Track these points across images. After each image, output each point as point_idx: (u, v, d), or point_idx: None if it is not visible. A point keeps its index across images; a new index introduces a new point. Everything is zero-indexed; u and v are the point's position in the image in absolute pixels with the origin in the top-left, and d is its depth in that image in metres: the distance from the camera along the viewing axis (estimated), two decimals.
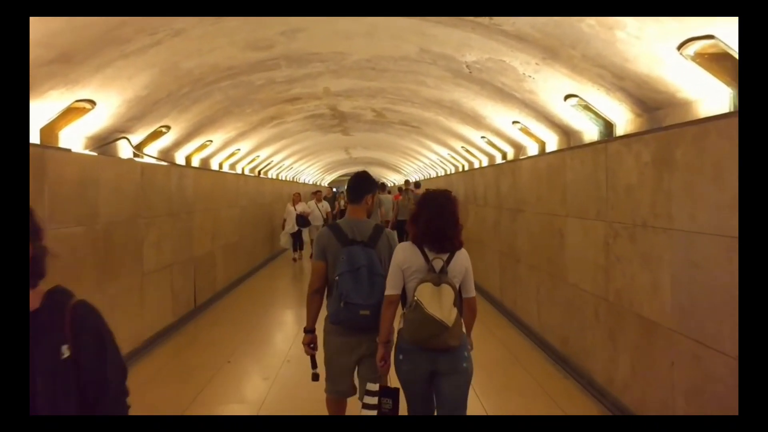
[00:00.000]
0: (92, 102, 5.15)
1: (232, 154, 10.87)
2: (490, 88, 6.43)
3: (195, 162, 9.20)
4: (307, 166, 21.73)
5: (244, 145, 10.94)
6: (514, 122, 7.26)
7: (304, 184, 24.02)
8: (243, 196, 11.90)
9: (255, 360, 6.29)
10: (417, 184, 16.38)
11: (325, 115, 10.78)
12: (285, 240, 13.67)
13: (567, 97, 5.35)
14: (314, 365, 3.38)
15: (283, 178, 18.85)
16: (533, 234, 6.85)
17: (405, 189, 15.18)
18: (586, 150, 5.23)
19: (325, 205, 13.95)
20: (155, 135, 7.00)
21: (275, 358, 6.23)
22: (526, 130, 7.24)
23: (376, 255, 3.17)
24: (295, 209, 13.42)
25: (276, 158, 14.90)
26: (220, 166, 10.73)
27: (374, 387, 2.99)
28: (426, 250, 2.92)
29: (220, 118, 8.11)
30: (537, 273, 6.68)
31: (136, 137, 6.63)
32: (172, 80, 5.76)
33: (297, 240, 13.78)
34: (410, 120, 10.81)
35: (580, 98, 5.18)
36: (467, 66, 5.92)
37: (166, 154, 7.97)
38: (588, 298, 5.17)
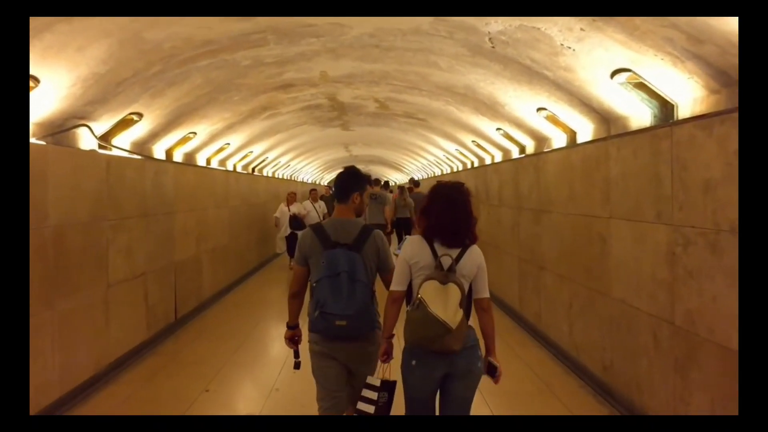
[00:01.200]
0: (34, 78, 4.20)
1: (221, 149, 9.91)
2: (515, 68, 5.47)
3: (177, 157, 8.25)
4: (305, 164, 20.78)
5: (235, 139, 9.99)
6: (539, 109, 6.30)
7: (303, 183, 23.06)
8: (234, 195, 10.95)
9: (238, 387, 5.33)
10: (416, 183, 15.65)
11: (323, 106, 9.82)
12: (282, 244, 12.33)
13: (615, 72, 4.40)
14: (297, 355, 3.27)
15: (280, 177, 17.89)
16: (563, 238, 5.90)
17: (401, 187, 14.59)
18: (640, 137, 4.27)
19: (321, 206, 12.55)
20: (125, 124, 6.04)
21: (262, 385, 5.28)
22: (553, 119, 6.29)
23: (361, 259, 2.92)
24: (289, 210, 12.06)
25: (271, 155, 13.95)
26: (208, 161, 9.78)
27: (375, 381, 2.81)
28: (436, 246, 2.76)
29: (204, 106, 7.16)
30: (569, 284, 5.72)
31: (101, 125, 5.68)
32: (137, 55, 4.80)
33: (291, 244, 11.93)
34: (416, 111, 9.86)
35: (634, 73, 4.23)
36: (490, 39, 4.96)
37: (142, 147, 7.02)
38: (642, 318, 4.21)
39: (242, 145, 10.77)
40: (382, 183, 14.09)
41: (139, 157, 6.52)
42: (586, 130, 5.93)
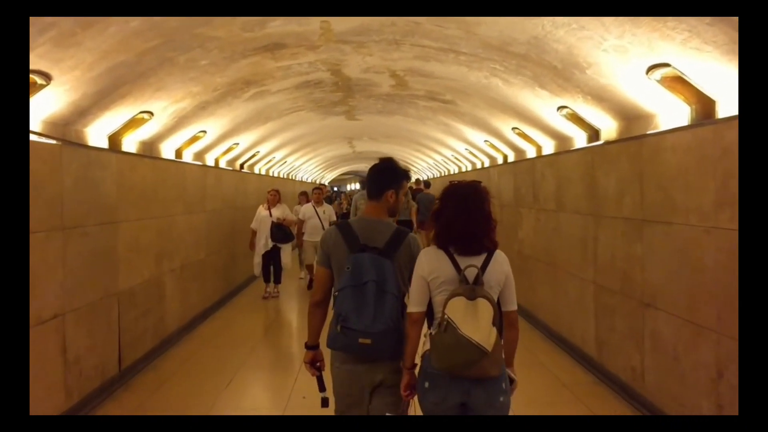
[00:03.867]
0: None
1: (195, 138, 7.79)
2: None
3: (129, 146, 6.13)
4: (304, 161, 18.65)
5: (212, 126, 7.87)
6: (652, 68, 4.16)
7: (302, 182, 20.93)
8: (214, 197, 8.83)
9: None
10: (427, 184, 14.76)
11: (324, 84, 7.70)
12: (257, 264, 9.14)
13: None
14: (322, 387, 2.76)
15: (275, 175, 15.76)
16: (697, 265, 3.78)
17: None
18: None
19: (328, 211, 9.37)
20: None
21: None
22: (674, 79, 4.14)
23: (392, 268, 2.52)
24: (271, 215, 9.00)
25: (263, 148, 11.83)
26: (178, 154, 7.66)
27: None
28: (454, 255, 2.43)
29: (155, 71, 5.04)
30: (712, 337, 3.60)
31: None
32: None
33: (269, 264, 9.11)
34: (443, 90, 7.73)
35: None
36: None
37: (64, 130, 4.90)
38: None
39: (224, 134, 8.64)
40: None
41: (52, 141, 4.38)
42: (726, 101, 3.80)
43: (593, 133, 6.09)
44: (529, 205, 7.78)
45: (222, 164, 9.98)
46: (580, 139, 6.49)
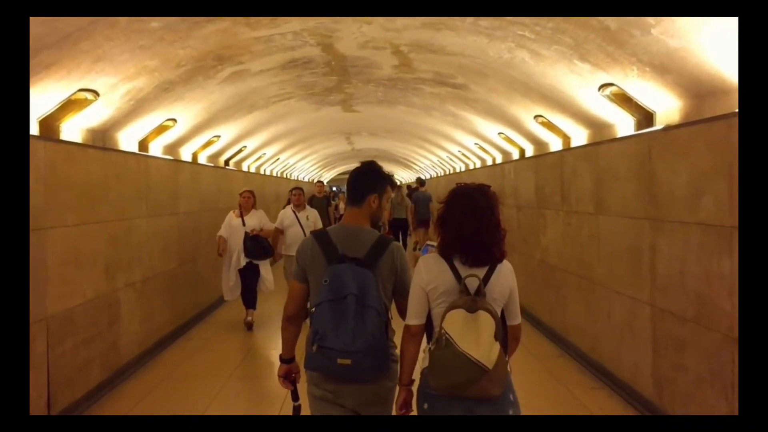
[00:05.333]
0: None
1: (163, 128, 6.63)
2: None
3: (71, 134, 4.97)
4: (299, 159, 17.48)
5: (183, 114, 6.71)
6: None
7: (297, 181, 19.79)
8: (189, 197, 7.68)
9: None
10: (422, 182, 14.27)
11: (314, 63, 6.55)
12: (233, 285, 7.10)
13: None
14: (295, 397, 2.63)
15: (266, 173, 14.61)
16: None
17: (399, 186, 13.74)
18: None
19: (313, 216, 7.19)
20: None
21: None
22: None
23: (374, 279, 2.33)
24: (244, 223, 7.08)
25: (251, 142, 10.68)
26: (143, 146, 6.50)
27: None
28: (456, 264, 2.27)
29: (86, 32, 3.86)
30: None
31: None
32: None
33: (248, 285, 7.09)
34: (455, 70, 6.58)
35: None
36: None
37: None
38: None
39: (200, 124, 7.48)
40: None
41: None
42: None
43: (644, 118, 4.93)
44: (555, 207, 6.61)
45: (202, 160, 8.82)
46: (624, 126, 5.33)
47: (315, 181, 12.68)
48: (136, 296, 5.80)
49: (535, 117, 6.95)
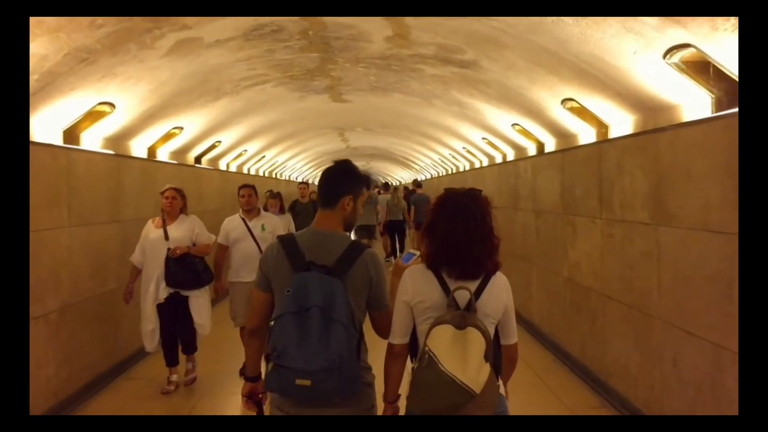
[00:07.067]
0: None
1: (97, 115, 5.27)
2: None
3: None
4: (289, 157, 16.12)
5: (122, 97, 5.34)
6: None
7: (288, 181, 18.43)
8: (137, 201, 6.32)
9: None
10: (419, 184, 14.22)
11: (287, 32, 5.21)
12: (150, 333, 4.94)
13: None
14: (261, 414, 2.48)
15: (250, 172, 13.26)
16: None
17: (395, 187, 13.73)
18: None
19: (270, 224, 5.28)
20: None
21: None
22: None
23: (343, 290, 2.09)
24: (166, 236, 4.88)
25: (225, 137, 9.33)
26: (71, 136, 5.14)
27: None
28: (445, 277, 2.09)
29: None
30: None
31: None
32: None
33: (168, 327, 4.98)
34: (463, 43, 5.23)
35: None
36: None
37: None
38: None
39: (149, 110, 6.10)
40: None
41: None
42: None
43: (725, 93, 3.57)
44: (591, 213, 5.26)
45: (162, 156, 7.47)
46: (694, 108, 3.97)
47: (298, 182, 11.15)
48: (48, 331, 4.45)
49: (563, 101, 5.59)
